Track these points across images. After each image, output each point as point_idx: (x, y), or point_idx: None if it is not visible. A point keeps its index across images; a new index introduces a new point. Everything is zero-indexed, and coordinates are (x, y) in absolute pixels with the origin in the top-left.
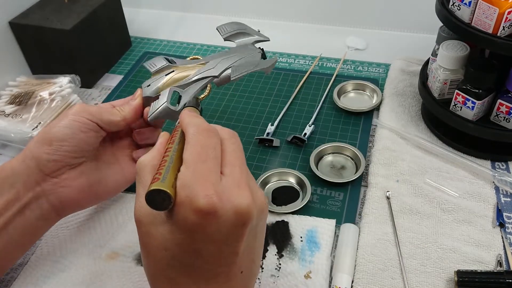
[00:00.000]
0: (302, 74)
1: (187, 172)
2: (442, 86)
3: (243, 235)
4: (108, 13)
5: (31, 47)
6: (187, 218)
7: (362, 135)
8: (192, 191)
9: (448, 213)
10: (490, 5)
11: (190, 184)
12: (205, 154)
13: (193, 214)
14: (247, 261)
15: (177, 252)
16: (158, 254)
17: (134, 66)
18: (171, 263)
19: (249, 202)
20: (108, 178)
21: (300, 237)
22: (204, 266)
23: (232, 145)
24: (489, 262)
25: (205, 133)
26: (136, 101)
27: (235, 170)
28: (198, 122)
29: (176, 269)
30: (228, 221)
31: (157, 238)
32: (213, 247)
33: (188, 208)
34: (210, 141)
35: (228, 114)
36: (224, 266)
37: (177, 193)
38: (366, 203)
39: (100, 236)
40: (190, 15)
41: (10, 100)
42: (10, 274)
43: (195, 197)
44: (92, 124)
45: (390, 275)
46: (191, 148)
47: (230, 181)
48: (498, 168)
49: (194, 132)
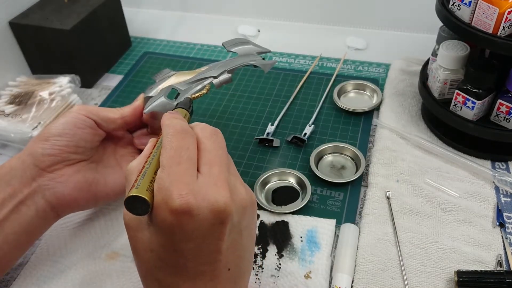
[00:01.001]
0: (302, 74)
1: (162, 175)
2: (442, 86)
3: (223, 233)
4: (108, 13)
5: (31, 47)
6: (165, 220)
7: (362, 135)
8: (166, 193)
9: (448, 213)
10: (490, 5)
11: (166, 186)
12: (178, 156)
13: (169, 215)
14: (233, 258)
15: (161, 253)
16: (145, 256)
17: (134, 66)
18: (157, 264)
19: (225, 199)
20: (107, 179)
21: (300, 237)
22: (187, 265)
23: (212, 144)
24: (489, 262)
25: (179, 135)
26: (137, 102)
27: (213, 169)
28: (174, 123)
29: (163, 270)
30: (205, 220)
31: (143, 241)
32: (193, 245)
33: (164, 210)
34: (183, 142)
35: (228, 114)
36: (207, 264)
37: (154, 196)
38: (366, 203)
39: (100, 236)
40: (190, 15)
41: (10, 100)
42: (10, 274)
43: (169, 198)
44: (88, 121)
45: (390, 275)
46: (165, 151)
47: (206, 179)
48: (498, 168)
49: (168, 134)
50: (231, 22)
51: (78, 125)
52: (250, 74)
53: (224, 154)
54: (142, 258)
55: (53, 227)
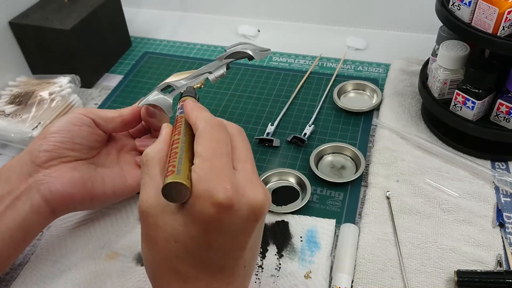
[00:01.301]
0: (302, 74)
1: (203, 166)
2: (442, 86)
3: (253, 230)
4: (108, 13)
5: (31, 47)
6: (204, 211)
7: (362, 135)
8: (210, 185)
9: (448, 213)
10: (490, 5)
11: (208, 177)
12: (220, 149)
13: (211, 207)
14: (250, 256)
15: (188, 244)
16: (166, 246)
17: (134, 66)
18: (180, 255)
19: (263, 197)
20: (106, 178)
21: (300, 237)
22: (213, 259)
23: (242, 142)
24: (489, 262)
25: (217, 128)
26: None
27: (246, 166)
28: (207, 115)
29: (185, 261)
30: (242, 216)
31: (165, 230)
32: (225, 240)
33: (206, 201)
34: (222, 136)
35: (228, 114)
36: (232, 259)
37: (194, 186)
38: (366, 203)
39: (100, 236)
40: (190, 15)
41: (10, 100)
42: (10, 274)
43: (213, 190)
44: (86, 119)
45: (390, 275)
46: (204, 142)
47: (243, 176)
48: (498, 168)
49: (206, 126)
50: (231, 22)
51: (74, 122)
52: (250, 74)
53: (252, 153)
54: (160, 247)
55: (53, 227)
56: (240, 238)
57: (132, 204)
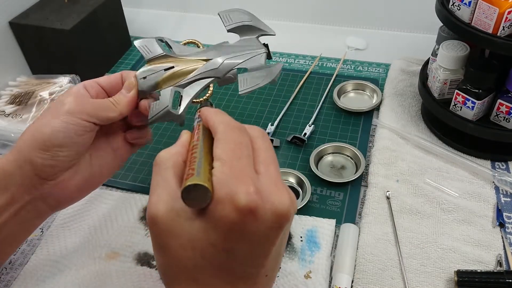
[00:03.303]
0: (302, 74)
1: (223, 169)
2: (442, 86)
3: (277, 237)
4: (108, 13)
5: (31, 47)
6: (226, 216)
7: (362, 135)
8: (232, 188)
9: (448, 213)
10: (490, 5)
11: (229, 181)
12: (239, 151)
13: (233, 212)
14: (272, 265)
15: (208, 252)
16: (183, 254)
17: (134, 66)
18: (199, 263)
19: (289, 203)
20: (102, 168)
21: (300, 237)
22: (234, 267)
23: (264, 143)
24: (489, 262)
25: (237, 130)
26: (131, 93)
27: (270, 169)
28: (226, 119)
29: (204, 270)
30: (266, 222)
31: (181, 236)
32: (247, 247)
33: (228, 206)
34: (242, 138)
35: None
36: (254, 267)
37: (215, 190)
38: (366, 203)
39: (100, 236)
40: (190, 15)
41: (10, 100)
42: (10, 274)
43: (236, 194)
44: (88, 125)
45: (390, 275)
46: (223, 145)
47: (267, 179)
48: (498, 168)
49: (225, 129)
50: None
51: (79, 133)
52: None
53: (275, 155)
54: (176, 255)
55: (53, 227)
56: (263, 246)
57: (132, 204)
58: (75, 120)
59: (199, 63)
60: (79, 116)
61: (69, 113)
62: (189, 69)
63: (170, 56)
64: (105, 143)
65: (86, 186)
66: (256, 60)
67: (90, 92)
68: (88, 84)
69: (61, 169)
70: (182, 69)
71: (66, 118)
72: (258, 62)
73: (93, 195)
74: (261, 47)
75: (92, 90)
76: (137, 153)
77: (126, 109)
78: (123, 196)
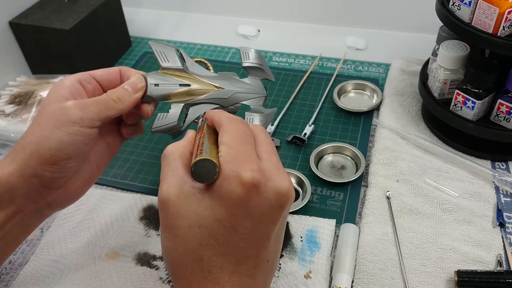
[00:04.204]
0: (302, 74)
1: (230, 151)
2: (442, 86)
3: (278, 217)
4: (108, 13)
5: (31, 47)
6: (232, 192)
7: (362, 135)
8: (237, 166)
9: (448, 213)
10: (490, 5)
11: (235, 160)
12: (243, 138)
13: (238, 186)
14: (273, 250)
15: (214, 228)
16: (190, 233)
17: (134, 66)
18: (205, 241)
19: (289, 185)
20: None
21: (300, 237)
22: (238, 244)
23: (266, 137)
24: (489, 262)
25: (240, 122)
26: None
27: (272, 157)
28: (228, 115)
29: (209, 248)
30: (268, 199)
31: (189, 217)
32: (250, 224)
33: (234, 181)
34: (246, 129)
35: None
36: (256, 248)
37: (222, 168)
38: (366, 203)
39: (100, 236)
40: (190, 15)
41: (10, 100)
42: (10, 274)
43: (241, 170)
44: (93, 132)
45: (390, 275)
46: (228, 134)
47: (269, 164)
48: (498, 168)
49: (229, 121)
50: (231, 22)
51: (86, 142)
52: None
53: (275, 147)
54: (183, 236)
55: (53, 227)
56: (266, 224)
57: (132, 204)
58: (81, 131)
59: (212, 88)
60: (84, 125)
61: (73, 123)
62: (202, 91)
63: (185, 71)
64: (100, 139)
65: (87, 184)
66: (257, 101)
67: (87, 88)
68: (83, 79)
69: (69, 177)
70: (196, 89)
71: (71, 129)
72: (258, 103)
73: (93, 195)
74: (263, 90)
75: (89, 86)
76: (137, 154)
77: (128, 108)
78: (123, 196)
